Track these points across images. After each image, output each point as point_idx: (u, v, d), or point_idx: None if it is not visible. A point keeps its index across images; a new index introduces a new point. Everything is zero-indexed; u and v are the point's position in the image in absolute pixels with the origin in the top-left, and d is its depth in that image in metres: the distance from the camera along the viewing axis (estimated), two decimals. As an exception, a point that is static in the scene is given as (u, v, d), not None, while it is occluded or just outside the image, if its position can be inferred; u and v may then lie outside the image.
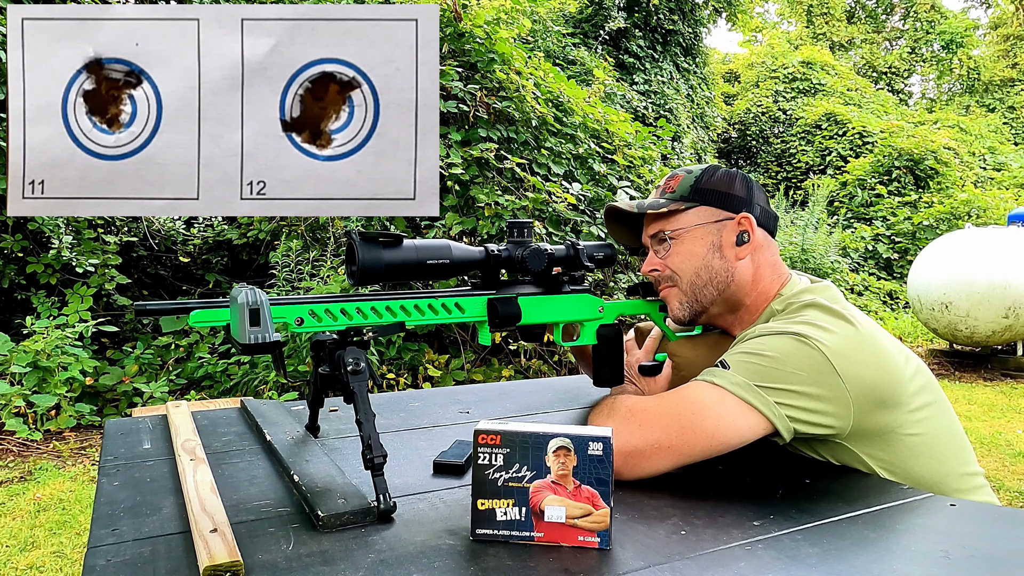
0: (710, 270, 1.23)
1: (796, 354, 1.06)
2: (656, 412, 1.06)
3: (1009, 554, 0.82)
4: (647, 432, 1.04)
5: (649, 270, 1.28)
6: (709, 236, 1.23)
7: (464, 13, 4.94)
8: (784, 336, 1.08)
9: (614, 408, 1.10)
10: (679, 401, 1.07)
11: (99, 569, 0.79)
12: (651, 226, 1.27)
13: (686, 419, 1.04)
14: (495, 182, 4.61)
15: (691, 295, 1.24)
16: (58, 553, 2.77)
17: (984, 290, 5.80)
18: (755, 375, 1.05)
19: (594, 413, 1.15)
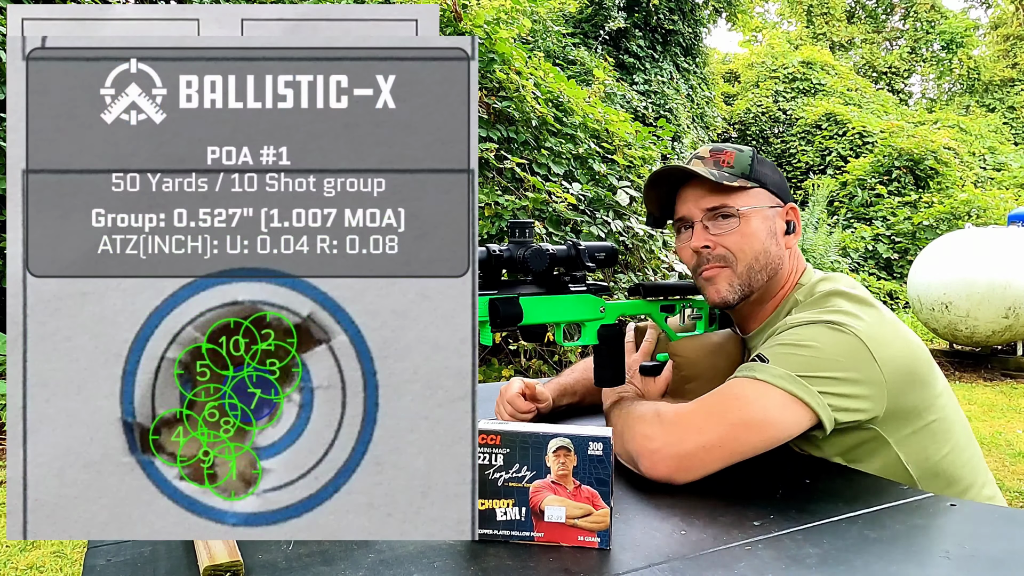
0: (768, 255, 1.21)
1: (832, 342, 1.06)
2: (702, 414, 1.04)
3: (1009, 554, 0.82)
4: (696, 435, 1.02)
5: (701, 245, 1.21)
6: (768, 221, 1.21)
7: (464, 13, 4.95)
8: (818, 325, 1.08)
9: (655, 416, 1.06)
10: (722, 400, 1.05)
11: (99, 569, 0.79)
12: (708, 198, 1.20)
13: (733, 416, 1.03)
14: (495, 182, 4.61)
15: (745, 278, 1.20)
16: (58, 553, 2.78)
17: (984, 290, 5.81)
18: (796, 366, 1.04)
19: (625, 423, 1.10)
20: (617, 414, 1.15)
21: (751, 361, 1.09)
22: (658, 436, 1.03)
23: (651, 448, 1.02)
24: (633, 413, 1.11)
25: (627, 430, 1.08)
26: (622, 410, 1.14)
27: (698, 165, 1.22)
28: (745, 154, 1.22)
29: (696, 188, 1.22)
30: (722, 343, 1.28)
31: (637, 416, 1.09)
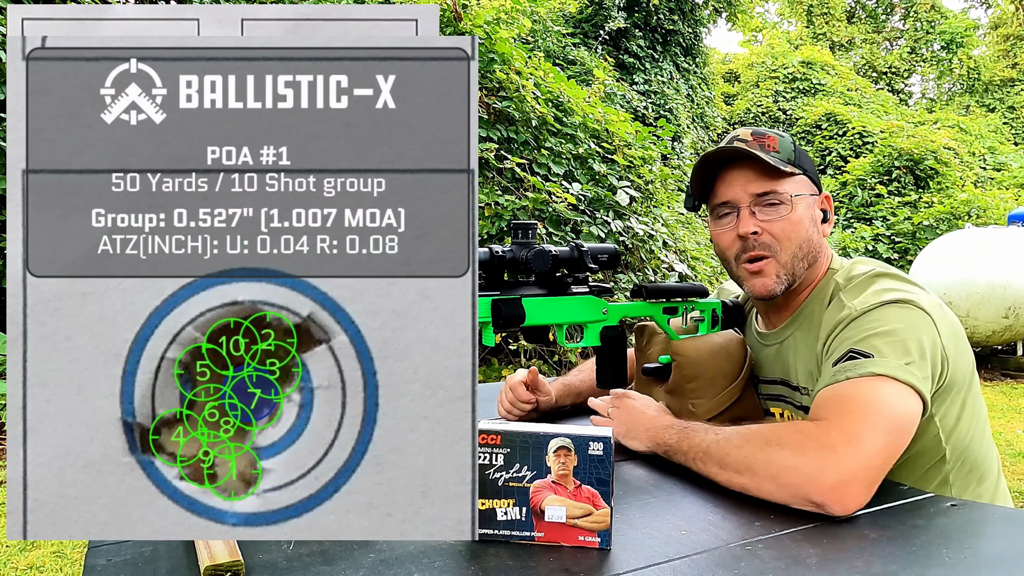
0: (810, 243, 1.19)
1: (910, 320, 1.05)
2: (850, 424, 0.94)
3: (1009, 554, 0.82)
4: (858, 449, 0.91)
5: (750, 230, 1.17)
6: (810, 209, 1.20)
7: (464, 13, 4.95)
8: (890, 306, 1.06)
9: (797, 439, 0.94)
10: (861, 404, 0.96)
11: (99, 569, 0.79)
12: (757, 183, 1.17)
13: (882, 418, 0.95)
14: (495, 182, 4.61)
15: (790, 267, 1.18)
16: (58, 553, 2.78)
17: (984, 290, 5.80)
18: (902, 354, 1.00)
19: (747, 456, 0.96)
20: (709, 447, 1.01)
21: (848, 359, 1.02)
22: (823, 463, 0.90)
23: (831, 480, 0.89)
24: (753, 442, 0.97)
25: (762, 464, 0.94)
26: (716, 442, 1.01)
27: (746, 148, 1.18)
28: (787, 139, 1.20)
29: (744, 171, 1.17)
30: (724, 344, 1.28)
31: (761, 444, 0.96)
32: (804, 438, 0.94)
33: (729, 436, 1.01)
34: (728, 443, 1.00)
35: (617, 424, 1.18)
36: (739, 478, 0.96)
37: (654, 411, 1.19)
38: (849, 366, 1.01)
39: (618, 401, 1.23)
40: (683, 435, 1.07)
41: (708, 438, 1.03)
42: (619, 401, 1.23)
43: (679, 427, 1.10)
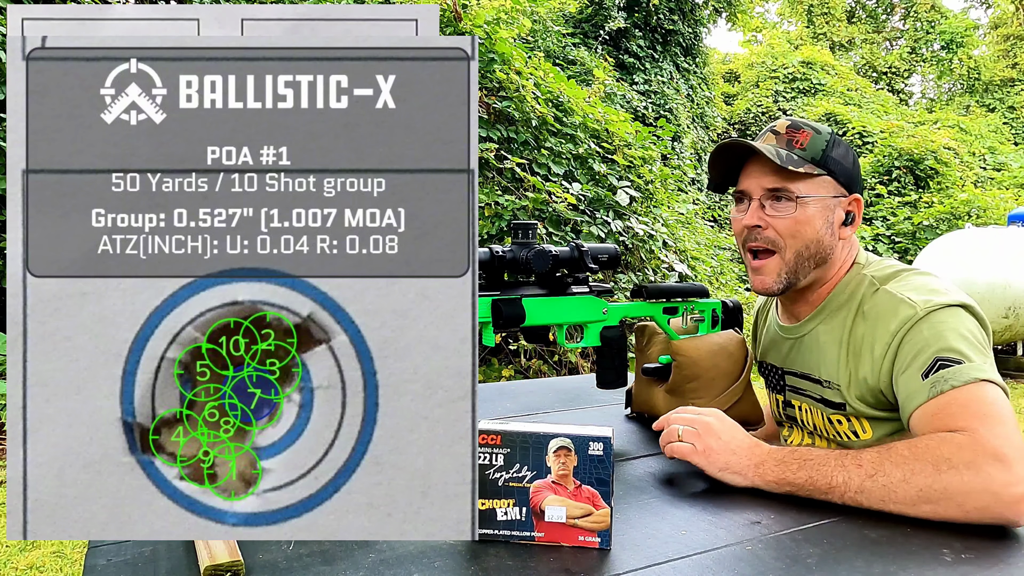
0: (819, 245, 1.18)
1: (968, 323, 1.06)
2: (1004, 434, 0.92)
3: (1009, 554, 0.82)
4: (1018, 455, 0.90)
5: (752, 224, 1.18)
6: (827, 211, 1.18)
7: (464, 13, 4.95)
8: (947, 309, 1.07)
9: (967, 461, 0.90)
10: (987, 408, 0.96)
11: (100, 569, 0.79)
12: (769, 177, 1.17)
13: (1007, 420, 0.95)
14: (495, 182, 4.61)
15: (792, 266, 1.19)
16: (58, 553, 2.78)
17: (984, 290, 5.80)
18: (981, 356, 1.02)
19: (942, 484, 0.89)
20: (863, 486, 0.93)
21: (941, 368, 1.01)
22: (1005, 477, 0.88)
23: (1018, 493, 0.87)
24: (919, 472, 0.91)
25: (941, 494, 0.89)
26: (872, 478, 0.93)
27: (770, 140, 1.19)
28: (821, 137, 1.18)
29: (761, 164, 1.18)
30: (724, 344, 1.28)
31: (930, 470, 0.90)
32: (974, 454, 0.90)
33: (882, 470, 0.92)
34: (888, 478, 0.92)
35: (705, 456, 1.02)
36: (915, 510, 0.90)
37: (744, 436, 1.05)
38: (948, 375, 1.00)
39: (694, 423, 1.06)
40: (812, 470, 0.96)
41: (854, 476, 0.93)
42: (696, 424, 1.05)
43: (798, 459, 0.98)
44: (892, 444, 0.96)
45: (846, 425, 1.19)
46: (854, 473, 0.94)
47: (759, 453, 1.01)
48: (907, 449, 0.93)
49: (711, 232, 8.94)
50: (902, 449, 0.94)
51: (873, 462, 0.93)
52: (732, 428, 1.05)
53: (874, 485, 0.92)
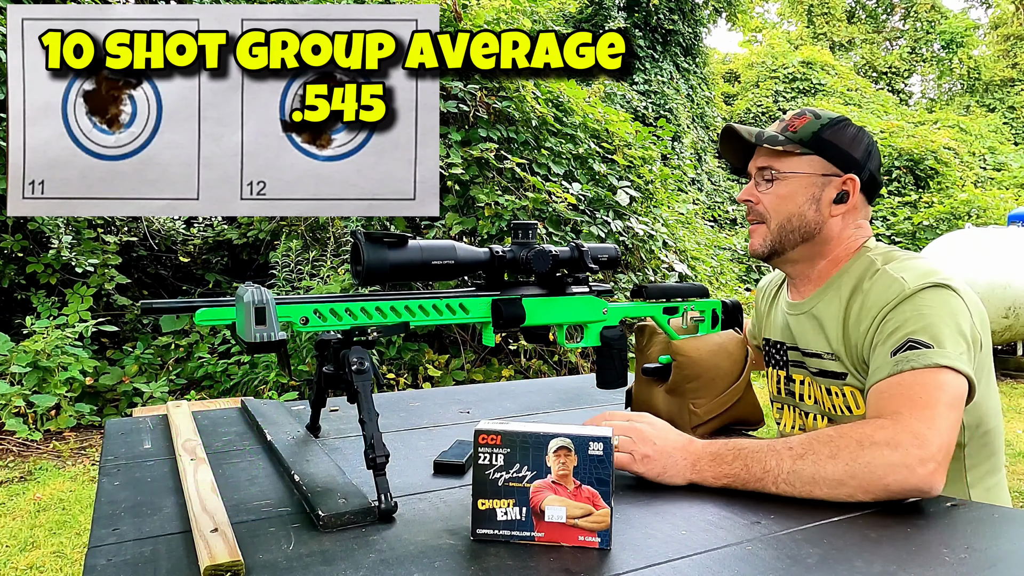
0: (802, 219, 1.26)
1: (955, 307, 1.10)
2: (930, 415, 0.99)
3: (1009, 554, 0.82)
4: (935, 434, 0.97)
5: (744, 199, 1.31)
6: (812, 188, 1.26)
7: (464, 13, 4.95)
8: (940, 289, 1.11)
9: (889, 439, 0.96)
10: (928, 390, 1.02)
11: (100, 569, 0.79)
12: (761, 158, 1.29)
13: (945, 404, 1.01)
14: (495, 182, 4.61)
15: (776, 236, 1.28)
16: (58, 553, 2.77)
17: (984, 290, 5.80)
18: (956, 345, 1.06)
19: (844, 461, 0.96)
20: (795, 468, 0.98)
21: (909, 349, 1.06)
22: (921, 453, 0.95)
23: (930, 467, 0.95)
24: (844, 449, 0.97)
25: (864, 470, 0.95)
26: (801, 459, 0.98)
27: (776, 126, 1.31)
28: (818, 122, 1.27)
29: (764, 148, 1.28)
30: (724, 344, 1.28)
31: (855, 448, 0.96)
32: (894, 433, 0.97)
33: (811, 449, 0.98)
34: (817, 457, 0.97)
35: (644, 464, 1.03)
36: (842, 489, 0.95)
37: (676, 436, 1.06)
38: (911, 356, 1.06)
39: (628, 432, 1.05)
40: (746, 461, 1.00)
41: (785, 459, 0.98)
42: (630, 432, 1.05)
43: (732, 451, 1.02)
44: (822, 430, 1.03)
45: (841, 399, 1.22)
46: (785, 456, 0.99)
47: (694, 452, 1.04)
48: (834, 431, 1.00)
49: (711, 232, 8.94)
50: (829, 431, 1.01)
51: (803, 443, 1.00)
52: (664, 431, 1.07)
53: (804, 465, 0.97)
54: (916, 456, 0.95)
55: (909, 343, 1.07)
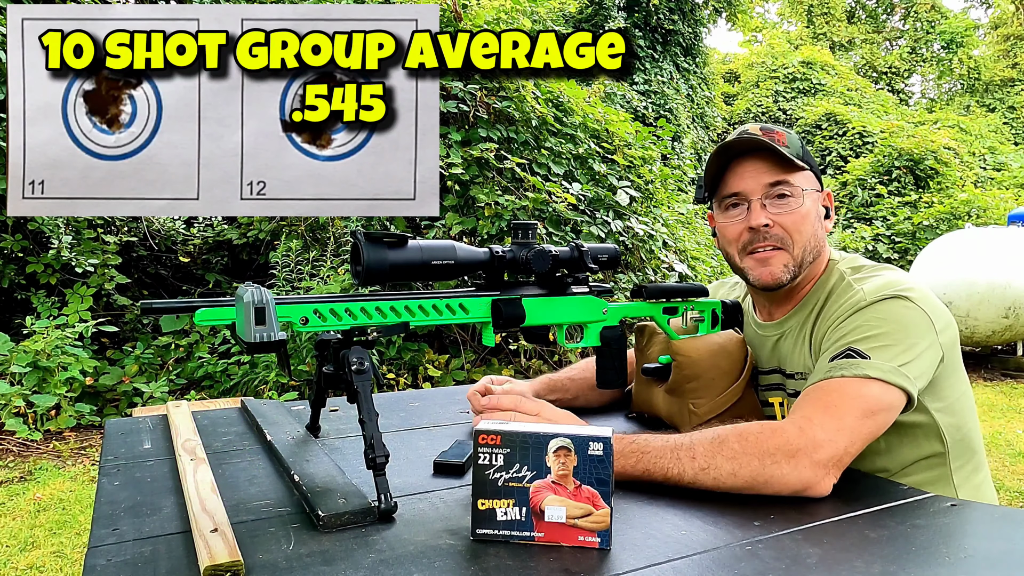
0: (816, 238, 1.22)
1: (912, 319, 1.09)
2: (834, 426, 1.00)
3: (1009, 554, 0.82)
4: (831, 442, 0.99)
5: (761, 223, 1.18)
6: (816, 204, 1.22)
7: (464, 13, 4.95)
8: (897, 301, 1.10)
9: (785, 451, 0.98)
10: (845, 399, 1.02)
11: (100, 569, 0.79)
12: (767, 173, 1.18)
13: (856, 414, 1.02)
14: (495, 182, 4.61)
15: (799, 260, 1.21)
16: (58, 553, 2.77)
17: (984, 290, 5.80)
18: (893, 356, 1.05)
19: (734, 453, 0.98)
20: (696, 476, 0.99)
21: (845, 357, 1.06)
22: (813, 470, 0.97)
23: (820, 477, 0.97)
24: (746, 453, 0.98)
25: (762, 482, 0.97)
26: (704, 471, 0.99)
27: (760, 139, 1.20)
28: (795, 135, 1.23)
29: (757, 163, 1.19)
30: (724, 344, 1.28)
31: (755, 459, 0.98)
32: (795, 441, 0.98)
33: (713, 464, 0.98)
34: (718, 472, 0.98)
35: None
36: (740, 493, 0.99)
37: (574, 419, 1.06)
38: (844, 364, 1.06)
39: (518, 420, 1.04)
40: (649, 463, 1.01)
41: (687, 470, 0.99)
42: (521, 420, 1.04)
43: (636, 452, 1.02)
44: (725, 435, 1.01)
45: None
46: (688, 466, 0.99)
47: (632, 443, 1.04)
48: (738, 443, 0.99)
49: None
50: (733, 443, 0.99)
51: (706, 455, 0.99)
52: (565, 419, 1.07)
53: (706, 478, 0.99)
54: (808, 464, 0.97)
55: (847, 351, 1.07)
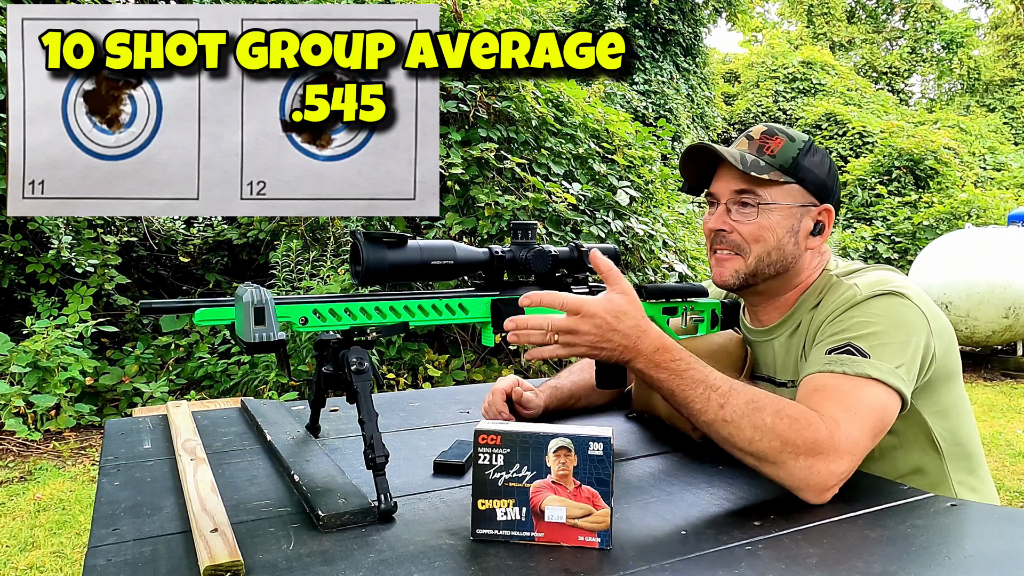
0: (781, 252, 1.19)
1: (906, 318, 1.08)
2: (855, 433, 0.97)
3: (1009, 554, 0.82)
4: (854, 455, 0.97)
5: (717, 227, 1.20)
6: (792, 219, 1.19)
7: (464, 13, 4.95)
8: (892, 298, 1.09)
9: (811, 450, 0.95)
10: (856, 401, 1.01)
11: (100, 569, 0.79)
12: (735, 181, 1.18)
13: (868, 416, 1.00)
14: (495, 182, 4.61)
15: (752, 269, 1.20)
16: (58, 553, 2.77)
17: (984, 290, 5.80)
18: (893, 357, 1.04)
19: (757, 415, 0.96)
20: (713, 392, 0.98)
21: (845, 352, 1.05)
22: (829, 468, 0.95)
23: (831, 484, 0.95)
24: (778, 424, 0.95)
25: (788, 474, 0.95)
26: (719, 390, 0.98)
27: (743, 145, 1.21)
28: (794, 145, 1.19)
29: (730, 168, 1.19)
30: (724, 344, 1.28)
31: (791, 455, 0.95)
32: (822, 447, 0.95)
33: (737, 426, 0.96)
34: (739, 431, 0.96)
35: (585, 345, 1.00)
36: (742, 460, 0.99)
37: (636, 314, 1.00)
38: (846, 360, 1.04)
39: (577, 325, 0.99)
40: (680, 382, 0.99)
41: (710, 412, 0.97)
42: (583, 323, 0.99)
43: (677, 361, 1.00)
44: (763, 404, 0.97)
45: None
46: (713, 409, 0.97)
47: (649, 330, 1.00)
48: (771, 417, 0.96)
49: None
50: (767, 415, 0.96)
51: (735, 410, 0.97)
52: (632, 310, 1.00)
53: (722, 429, 0.97)
54: (823, 470, 0.94)
55: (847, 347, 1.05)
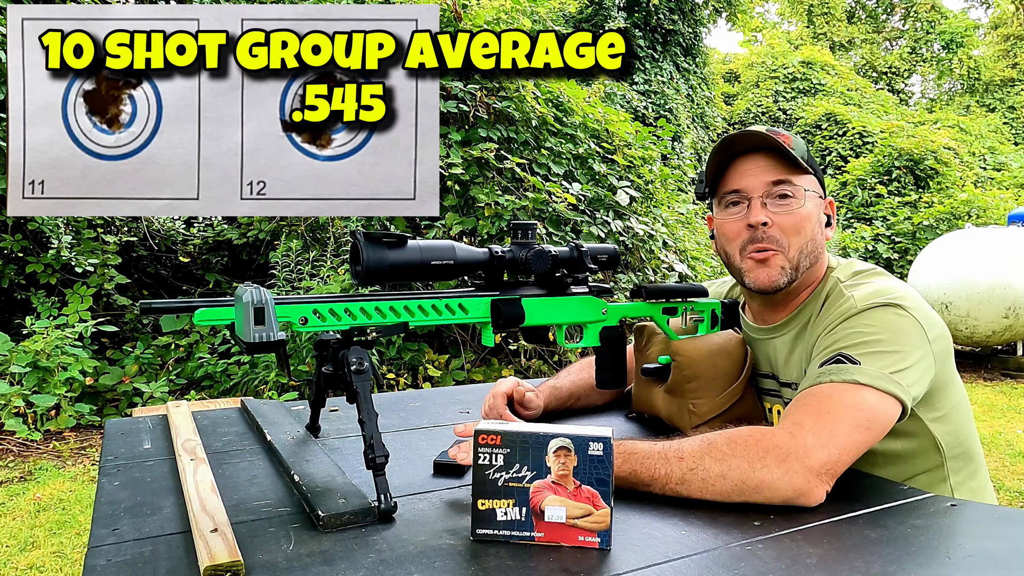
0: (815, 243, 1.19)
1: (903, 327, 1.08)
2: (827, 432, 0.97)
3: (1009, 554, 0.82)
4: (822, 449, 0.96)
5: (762, 220, 1.16)
6: (819, 209, 1.21)
7: (464, 13, 4.94)
8: (888, 309, 1.09)
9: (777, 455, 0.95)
10: (838, 407, 1.00)
11: (99, 569, 0.79)
12: (771, 172, 1.17)
13: (850, 423, 1.00)
14: (495, 182, 4.61)
15: (795, 263, 1.18)
16: (58, 553, 2.77)
17: (984, 290, 5.80)
18: (887, 364, 1.04)
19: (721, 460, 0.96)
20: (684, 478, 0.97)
21: (835, 363, 1.05)
22: (804, 476, 0.94)
23: (811, 485, 0.95)
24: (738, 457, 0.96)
25: (752, 489, 0.95)
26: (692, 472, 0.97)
27: (767, 135, 1.18)
28: (801, 141, 1.22)
29: (760, 161, 1.18)
30: (724, 344, 1.28)
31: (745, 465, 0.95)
32: (786, 445, 0.96)
33: (702, 465, 0.96)
34: (707, 472, 0.96)
35: None
36: (729, 499, 0.96)
37: None
38: (834, 369, 1.05)
39: None
40: (636, 464, 0.99)
41: (675, 470, 0.97)
42: None
43: (623, 454, 1.00)
44: (713, 438, 0.99)
45: None
46: (675, 467, 0.97)
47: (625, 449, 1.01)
48: (727, 445, 0.97)
49: (711, 232, 8.91)
50: (722, 445, 0.98)
51: (694, 456, 0.97)
52: None
53: (694, 478, 0.97)
54: (799, 469, 0.94)
55: (838, 357, 1.06)
